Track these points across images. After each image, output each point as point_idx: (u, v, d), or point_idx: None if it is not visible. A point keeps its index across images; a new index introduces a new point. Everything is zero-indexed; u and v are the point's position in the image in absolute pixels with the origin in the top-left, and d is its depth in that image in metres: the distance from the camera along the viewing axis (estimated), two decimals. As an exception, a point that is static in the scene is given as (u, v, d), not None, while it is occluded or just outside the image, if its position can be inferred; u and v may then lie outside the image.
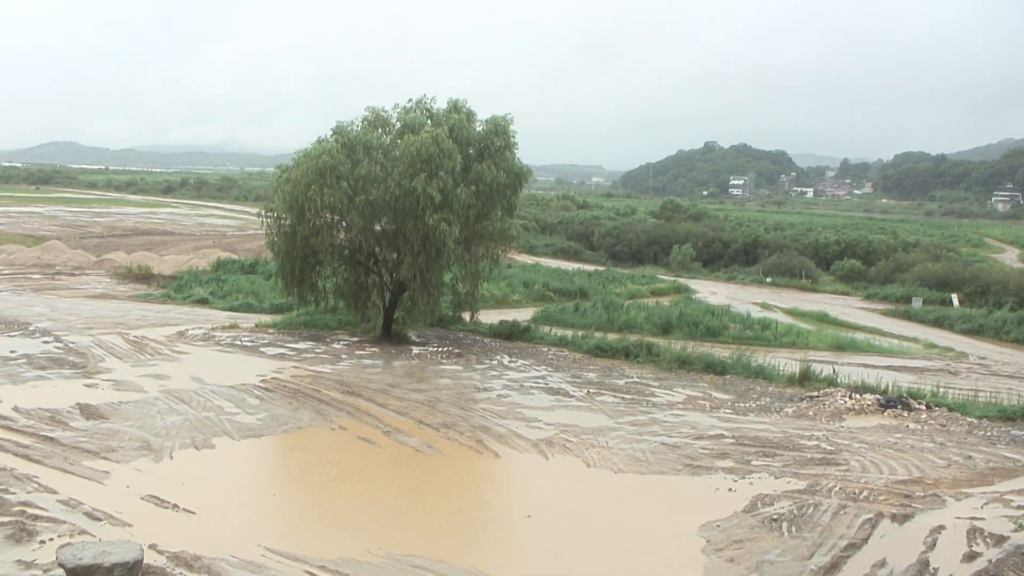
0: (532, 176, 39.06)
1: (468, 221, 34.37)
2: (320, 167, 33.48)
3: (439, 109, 36.30)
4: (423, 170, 32.97)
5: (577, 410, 26.55)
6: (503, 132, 35.93)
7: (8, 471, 18.93)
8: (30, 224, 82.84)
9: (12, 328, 34.77)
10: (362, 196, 33.76)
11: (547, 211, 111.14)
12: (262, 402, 25.83)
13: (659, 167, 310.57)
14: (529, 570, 15.47)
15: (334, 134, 35.32)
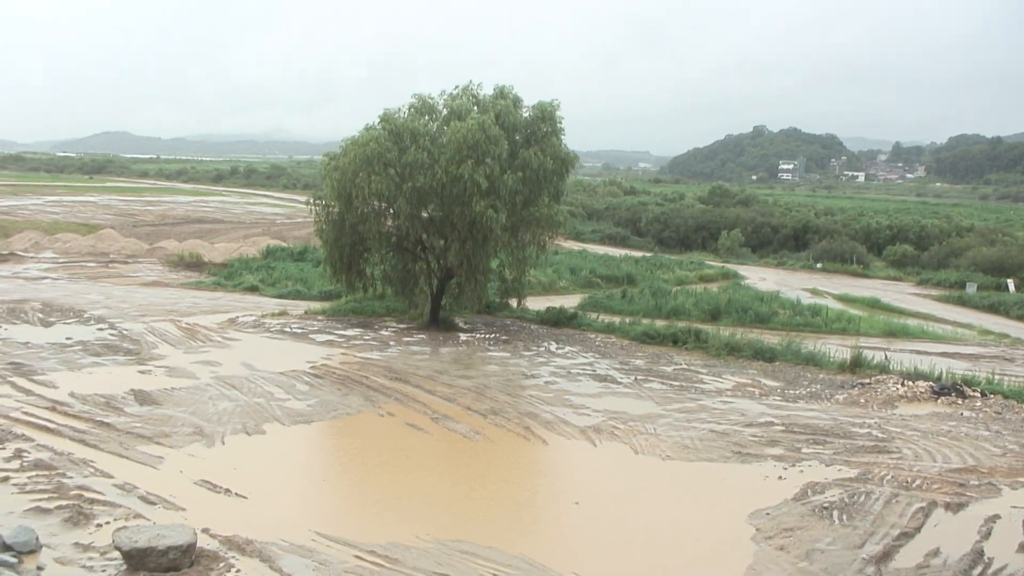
0: (579, 162, 38.94)
1: (515, 207, 34.37)
2: (368, 155, 33.65)
3: (485, 95, 36.31)
4: (470, 157, 33.01)
5: (625, 397, 26.49)
6: (550, 118, 35.85)
7: (65, 456, 19.30)
8: (84, 213, 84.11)
9: (68, 315, 35.38)
10: (409, 183, 33.89)
11: (594, 197, 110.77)
12: (312, 388, 26.07)
13: (707, 152, 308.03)
14: (577, 557, 15.48)
15: (381, 121, 35.44)
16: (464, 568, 14.70)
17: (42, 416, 22.10)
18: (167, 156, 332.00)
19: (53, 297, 39.60)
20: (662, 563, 15.45)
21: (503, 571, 14.67)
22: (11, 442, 19.93)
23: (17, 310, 35.81)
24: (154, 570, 13.97)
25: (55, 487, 17.47)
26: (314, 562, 14.69)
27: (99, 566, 14.28)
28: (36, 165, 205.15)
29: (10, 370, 26.38)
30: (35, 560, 14.26)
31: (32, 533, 14.87)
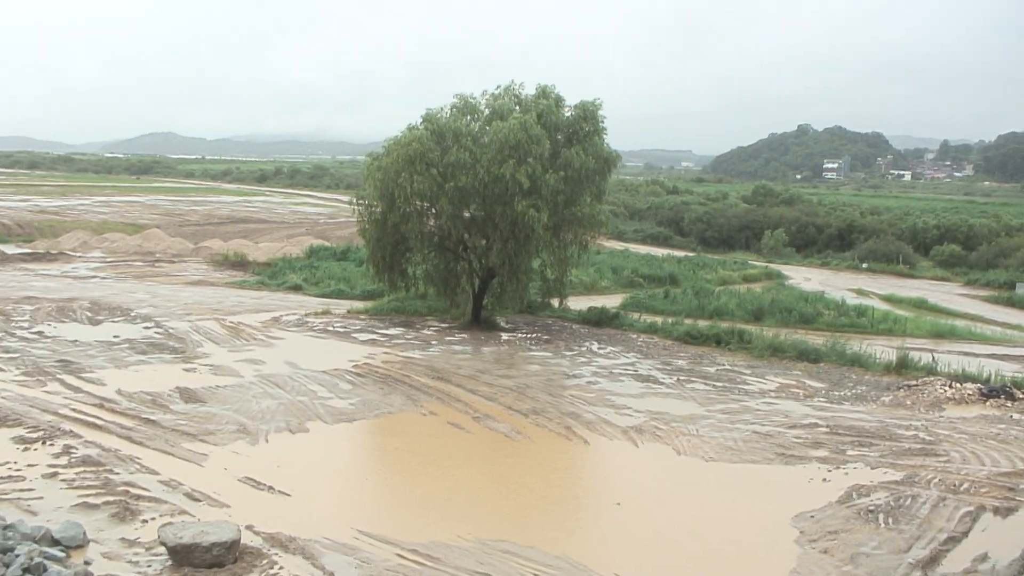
0: (621, 161, 38.81)
1: (557, 207, 34.32)
2: (410, 154, 33.78)
3: (527, 95, 36.31)
4: (512, 156, 33.02)
5: (667, 397, 26.37)
6: (592, 117, 35.78)
7: (112, 452, 19.56)
8: (131, 213, 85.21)
9: (115, 314, 35.86)
10: (451, 183, 33.96)
11: (636, 196, 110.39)
12: (354, 387, 26.21)
13: (751, 151, 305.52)
14: (618, 558, 15.41)
15: (424, 121, 35.57)
16: (505, 568, 14.70)
17: (90, 413, 22.43)
18: (212, 157, 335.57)
19: (101, 296, 40.16)
20: (704, 565, 15.34)
21: (544, 571, 14.64)
22: (60, 438, 20.24)
23: (66, 308, 36.36)
24: (199, 566, 14.11)
25: (102, 483, 17.72)
26: (356, 560, 14.77)
27: (144, 561, 14.46)
28: (85, 166, 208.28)
29: (59, 367, 26.79)
30: (83, 554, 14.46)
31: (80, 528, 15.09)
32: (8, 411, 22.12)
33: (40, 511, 16.18)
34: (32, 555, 12.90)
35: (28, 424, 21.16)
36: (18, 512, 15.97)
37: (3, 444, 19.79)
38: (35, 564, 12.65)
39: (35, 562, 12.69)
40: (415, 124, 35.69)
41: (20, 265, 51.30)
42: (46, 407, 22.68)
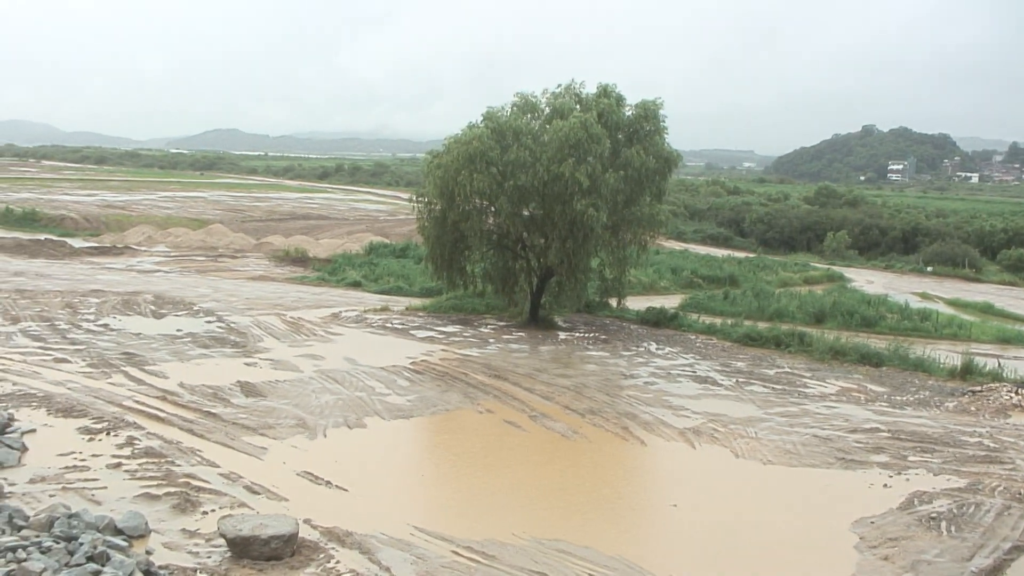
0: (681, 161, 38.52)
1: (616, 206, 34.19)
2: (470, 153, 33.86)
3: (588, 94, 36.21)
4: (571, 155, 32.96)
5: (725, 399, 26.14)
6: (653, 116, 35.58)
7: (175, 444, 19.87)
8: (195, 208, 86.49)
9: (178, 308, 36.43)
10: (511, 181, 33.99)
11: (696, 197, 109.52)
12: (412, 384, 26.34)
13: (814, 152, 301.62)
14: (674, 559, 15.32)
15: (484, 120, 35.65)
16: (560, 567, 14.67)
17: (153, 405, 22.81)
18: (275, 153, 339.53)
19: (164, 290, 40.82)
20: (761, 569, 15.17)
21: (600, 572, 14.60)
22: (123, 430, 20.61)
23: (131, 302, 37.01)
24: (257, 558, 14.28)
25: (164, 474, 18.00)
26: (412, 556, 14.83)
27: (204, 552, 14.66)
28: (150, 162, 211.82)
29: (123, 360, 27.28)
30: (144, 544, 14.70)
31: (142, 518, 15.34)
32: (74, 402, 22.59)
33: (104, 501, 16.48)
34: (96, 544, 13.14)
35: (93, 415, 21.59)
36: (83, 501, 16.28)
37: (69, 434, 20.21)
38: (99, 553, 12.88)
39: (99, 551, 12.93)
40: (476, 122, 35.80)
41: (87, 258, 52.33)
42: (111, 399, 23.11)
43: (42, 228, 66.29)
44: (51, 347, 28.61)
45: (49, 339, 29.71)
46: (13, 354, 27.46)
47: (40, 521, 14.08)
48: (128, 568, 12.56)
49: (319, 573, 14.12)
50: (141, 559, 13.35)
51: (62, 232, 64.51)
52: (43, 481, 17.38)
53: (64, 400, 22.71)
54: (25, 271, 45.19)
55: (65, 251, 54.21)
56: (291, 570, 14.15)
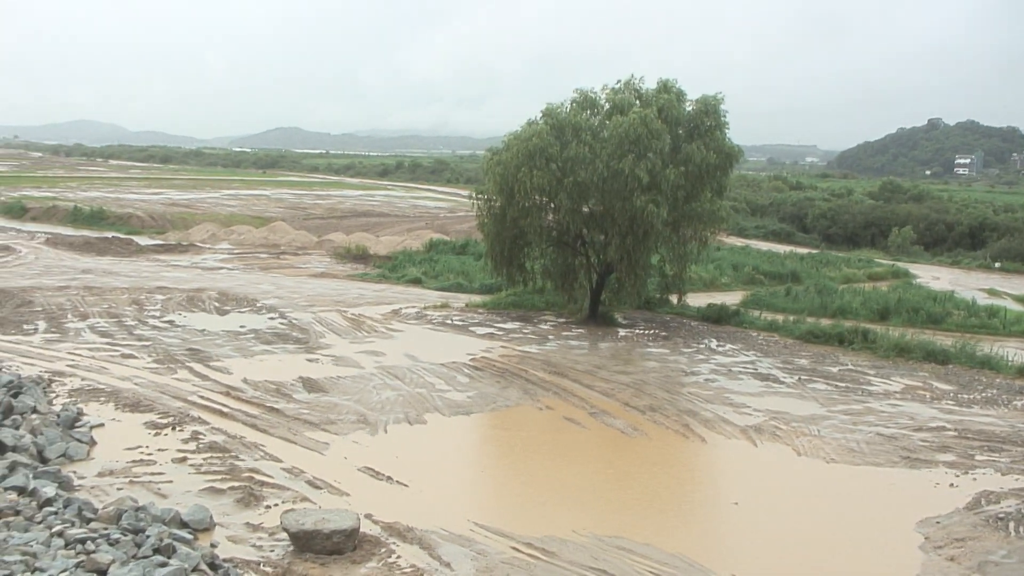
0: (743, 156, 38.08)
1: (676, 202, 33.95)
2: (530, 149, 33.85)
3: (648, 89, 35.98)
4: (631, 151, 32.81)
5: (787, 397, 25.83)
6: (713, 111, 35.26)
7: (238, 439, 20.15)
8: (258, 206, 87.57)
9: (242, 305, 36.92)
10: (570, 178, 33.91)
11: (758, 192, 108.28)
12: (471, 380, 26.41)
13: (878, 146, 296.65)
14: (735, 558, 15.18)
15: (543, 116, 35.60)
16: (621, 564, 14.61)
17: (217, 400, 23.15)
18: (336, 151, 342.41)
19: (228, 287, 41.40)
20: (824, 569, 14.98)
21: (660, 569, 14.52)
22: (189, 424, 20.95)
23: (195, 299, 37.60)
24: (319, 552, 14.42)
25: (228, 469, 18.27)
26: (472, 552, 14.88)
27: (268, 546, 14.85)
28: (214, 160, 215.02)
29: (188, 356, 27.73)
30: (209, 537, 14.92)
31: (207, 512, 15.58)
32: (141, 397, 23.01)
33: (170, 494, 16.77)
34: (162, 536, 13.36)
35: (159, 410, 21.98)
36: (149, 495, 16.59)
37: (136, 429, 20.60)
38: (165, 545, 13.09)
39: (165, 543, 13.14)
40: (535, 119, 35.76)
41: (153, 256, 53.24)
42: (176, 394, 23.51)
43: (109, 226, 67.58)
44: (118, 343, 29.18)
45: (116, 335, 30.30)
46: (82, 350, 28.06)
47: (108, 514, 14.35)
48: (193, 560, 12.75)
49: (380, 568, 14.22)
50: (206, 552, 13.55)
51: (129, 230, 65.69)
52: (111, 475, 17.73)
53: (131, 395, 23.15)
54: (93, 268, 46.12)
55: (132, 249, 55.20)
56: (353, 564, 14.26)
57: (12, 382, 22.23)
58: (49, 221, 70.73)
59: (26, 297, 36.19)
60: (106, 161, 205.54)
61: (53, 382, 24.06)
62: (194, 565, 12.63)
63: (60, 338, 29.62)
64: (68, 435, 19.36)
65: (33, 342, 28.96)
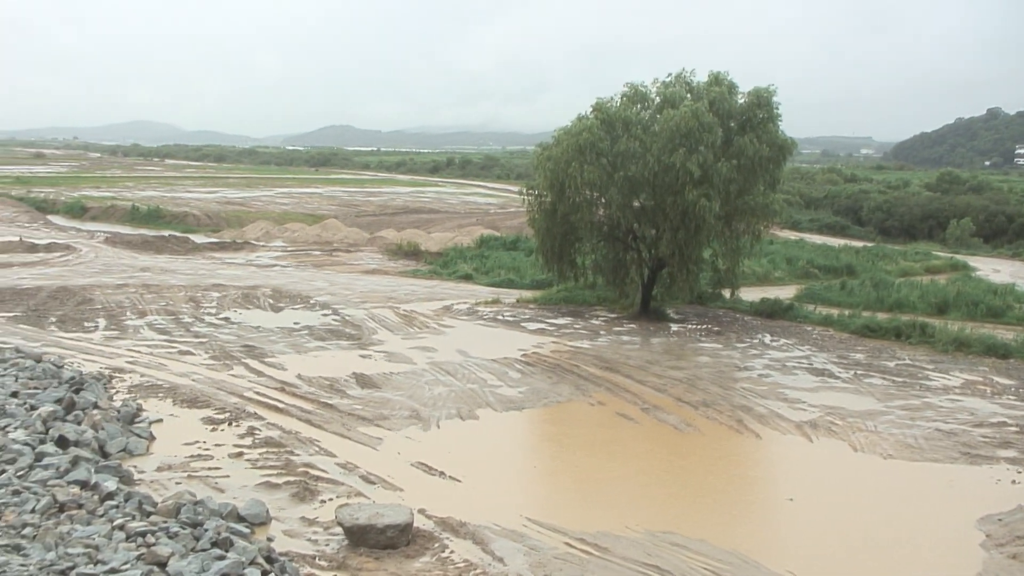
0: (796, 149, 37.62)
1: (729, 196, 33.67)
2: (580, 144, 33.78)
3: (699, 82, 35.72)
4: (682, 145, 32.60)
5: (843, 392, 25.54)
6: (766, 104, 34.89)
7: (293, 434, 20.38)
8: (311, 204, 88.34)
9: (295, 301, 37.29)
10: (621, 172, 33.81)
11: (812, 185, 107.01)
12: (523, 376, 26.45)
13: (935, 137, 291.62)
14: (791, 554, 15.06)
15: (594, 111, 35.50)
16: (674, 560, 14.57)
17: (272, 396, 23.43)
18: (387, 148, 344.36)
19: (282, 284, 41.83)
20: (882, 566, 14.81)
21: (714, 565, 14.44)
22: (245, 420, 21.23)
23: (250, 296, 38.05)
24: (373, 547, 14.55)
25: (283, 463, 18.48)
26: (525, 547, 14.92)
27: (323, 540, 15.01)
28: (267, 158, 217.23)
29: (244, 352, 28.08)
30: (265, 531, 15.13)
31: (263, 506, 15.78)
32: (198, 393, 23.36)
33: (227, 489, 17.02)
34: (219, 530, 13.57)
35: (216, 406, 22.30)
36: (207, 489, 16.84)
37: (194, 424, 20.92)
38: (222, 539, 13.29)
39: (222, 537, 13.34)
40: (585, 114, 35.67)
41: (208, 254, 53.95)
42: (232, 390, 23.83)
43: (166, 225, 68.61)
44: (176, 340, 29.64)
45: (174, 332, 30.78)
46: (141, 347, 28.54)
47: (167, 507, 14.60)
48: (250, 554, 12.93)
49: (434, 562, 14.31)
50: (262, 545, 13.73)
51: (184, 228, 66.63)
52: (169, 469, 18.03)
53: (189, 391, 23.51)
54: (151, 266, 46.85)
55: (188, 247, 55.97)
56: (406, 559, 14.37)
57: (74, 378, 22.73)
58: (108, 220, 71.97)
59: (87, 295, 36.88)
60: (162, 161, 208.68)
61: (113, 378, 24.51)
62: (251, 558, 12.81)
63: (120, 335, 30.16)
64: (128, 430, 19.73)
65: (94, 339, 29.53)
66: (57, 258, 49.12)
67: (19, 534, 12.97)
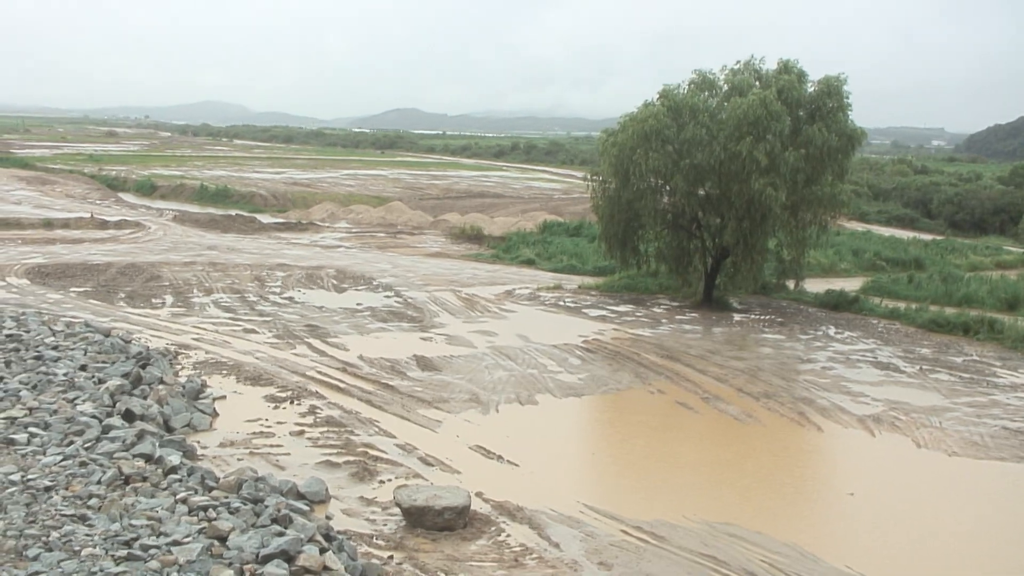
0: (866, 139, 37.02)
1: (795, 186, 33.24)
2: (646, 131, 33.58)
3: (768, 70, 35.29)
4: (749, 133, 32.25)
5: (908, 387, 25.13)
6: (836, 93, 34.34)
7: (354, 414, 20.59)
8: (376, 186, 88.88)
9: (359, 283, 37.62)
10: (687, 160, 33.56)
11: (881, 176, 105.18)
12: (583, 362, 26.41)
13: (1009, 129, 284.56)
14: (851, 550, 14.87)
15: (660, 97, 35.26)
16: (731, 552, 14.47)
17: (334, 376, 23.69)
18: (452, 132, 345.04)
19: (346, 265, 42.20)
20: (942, 565, 14.59)
21: (771, 558, 14.33)
22: (306, 399, 21.50)
23: (314, 276, 38.46)
24: (430, 528, 14.66)
25: (343, 443, 18.69)
26: (581, 533, 14.93)
27: (381, 520, 15.16)
28: (334, 141, 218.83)
29: (307, 332, 28.40)
30: (324, 510, 15.31)
31: (322, 484, 15.98)
32: (262, 371, 23.69)
33: (287, 466, 17.26)
34: (280, 507, 13.75)
35: (278, 384, 22.60)
36: (268, 466, 17.10)
37: (257, 402, 21.24)
38: (282, 515, 13.47)
39: (282, 513, 13.52)
40: (651, 100, 35.45)
41: (274, 234, 54.58)
42: (294, 368, 24.13)
43: (233, 204, 69.51)
44: (240, 318, 30.08)
45: (239, 310, 31.23)
46: (206, 324, 29.01)
47: (229, 483, 14.83)
48: (309, 531, 13.09)
49: (490, 546, 14.38)
50: (321, 523, 13.89)
51: (251, 208, 67.47)
52: (232, 445, 18.33)
53: (252, 369, 23.86)
54: (217, 245, 47.56)
55: (254, 226, 56.66)
56: (463, 541, 14.46)
57: (141, 354, 23.19)
58: (177, 199, 73.18)
59: (155, 272, 37.57)
60: (231, 141, 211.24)
61: (179, 354, 24.96)
62: (310, 536, 12.97)
63: (186, 312, 30.70)
64: (192, 406, 20.09)
65: (161, 315, 30.09)
66: (127, 235, 50.07)
67: (85, 504, 13.29)
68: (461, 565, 13.66)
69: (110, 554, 11.64)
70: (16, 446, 15.49)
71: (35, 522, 12.36)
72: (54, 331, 24.57)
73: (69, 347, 22.90)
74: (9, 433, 15.99)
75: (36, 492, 13.43)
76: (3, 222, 50.97)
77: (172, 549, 11.93)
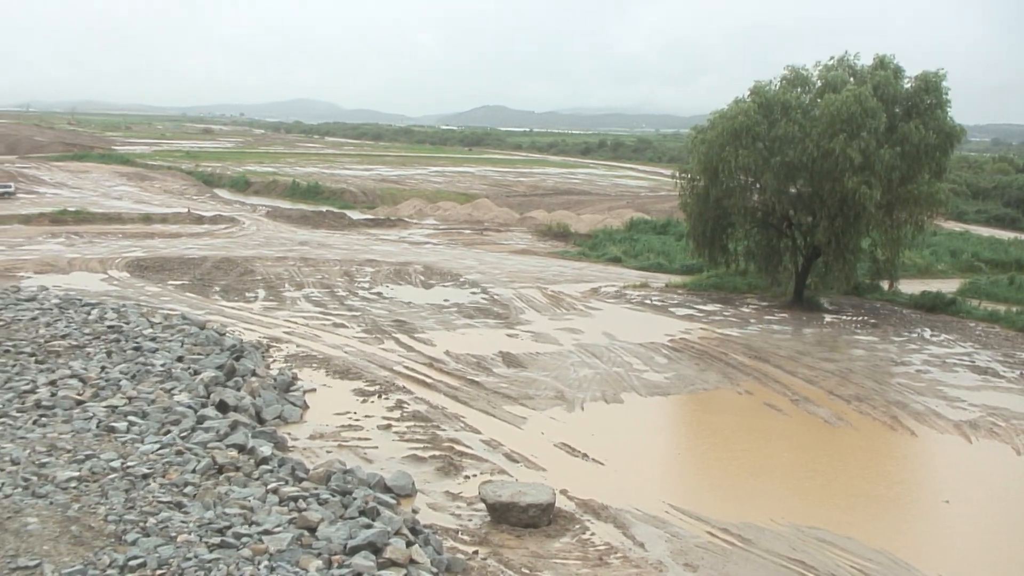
0: (965, 136, 36.02)
1: (891, 184, 32.50)
2: (736, 128, 33.17)
3: (863, 66, 34.55)
4: (843, 130, 31.62)
5: (1008, 392, 24.38)
6: (934, 89, 33.47)
7: (440, 410, 20.74)
8: (463, 183, 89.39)
9: (445, 279, 37.88)
10: (778, 157, 33.04)
11: (980, 175, 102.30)
12: (669, 361, 26.20)
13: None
14: (945, 558, 14.49)
15: (751, 94, 34.81)
16: (820, 557, 14.22)
17: (421, 371, 23.90)
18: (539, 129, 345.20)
19: (433, 261, 42.54)
20: (1044, 577, 14.11)
21: (862, 564, 14.04)
22: (394, 393, 21.73)
23: (402, 272, 38.85)
24: (515, 524, 14.70)
25: (430, 438, 18.85)
26: (666, 533, 14.82)
27: (465, 515, 15.25)
28: (422, 138, 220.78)
29: (395, 327, 28.70)
30: (411, 503, 15.46)
31: (409, 478, 16.14)
32: (351, 365, 24.02)
33: (375, 459, 17.47)
34: (367, 499, 13.93)
35: (367, 378, 22.89)
36: (356, 459, 17.33)
37: (346, 395, 21.54)
38: (370, 508, 13.64)
39: (370, 506, 13.69)
40: (742, 97, 35.02)
41: (364, 230, 55.28)
42: (382, 363, 24.41)
43: (324, 200, 70.63)
44: (330, 312, 30.53)
45: (329, 305, 31.71)
46: (297, 318, 29.52)
47: (319, 474, 15.07)
48: (396, 524, 13.23)
49: (574, 543, 14.36)
50: (408, 517, 14.03)
51: (341, 204, 68.44)
52: (321, 438, 18.63)
53: (341, 363, 24.21)
54: (309, 240, 48.33)
55: (344, 223, 57.47)
56: (547, 538, 14.46)
57: (235, 346, 23.70)
58: (269, 195, 74.59)
59: (248, 266, 38.36)
60: (322, 138, 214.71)
61: (271, 347, 25.46)
62: (396, 528, 13.10)
63: (278, 306, 31.27)
64: (283, 398, 20.47)
65: (253, 309, 30.70)
66: (222, 230, 51.22)
67: (181, 492, 13.63)
68: (545, 562, 13.67)
69: (204, 541, 11.92)
70: (116, 433, 15.96)
71: (134, 508, 12.73)
72: (152, 323, 25.28)
73: (167, 339, 23.52)
74: (110, 421, 16.49)
75: (135, 479, 13.81)
76: (105, 217, 52.61)
77: (263, 538, 12.17)
